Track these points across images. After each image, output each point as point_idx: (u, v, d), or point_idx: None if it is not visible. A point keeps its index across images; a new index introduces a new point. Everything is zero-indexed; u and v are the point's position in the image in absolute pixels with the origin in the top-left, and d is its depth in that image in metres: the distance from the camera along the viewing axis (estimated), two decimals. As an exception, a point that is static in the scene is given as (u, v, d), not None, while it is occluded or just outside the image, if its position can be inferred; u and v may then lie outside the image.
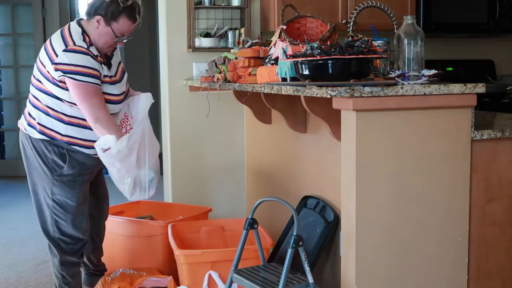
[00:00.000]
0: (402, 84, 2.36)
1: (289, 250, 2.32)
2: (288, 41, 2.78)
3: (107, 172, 2.97)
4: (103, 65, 2.80)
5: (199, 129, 4.08)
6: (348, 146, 2.34)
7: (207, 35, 4.05)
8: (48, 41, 2.82)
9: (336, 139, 2.57)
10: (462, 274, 2.48)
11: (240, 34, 3.97)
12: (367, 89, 2.21)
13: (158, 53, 4.34)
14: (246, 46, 3.39)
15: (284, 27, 2.87)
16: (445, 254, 2.44)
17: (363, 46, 2.35)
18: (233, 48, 3.76)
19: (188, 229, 3.28)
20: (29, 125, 2.84)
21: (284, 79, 2.61)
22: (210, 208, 3.66)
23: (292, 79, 2.57)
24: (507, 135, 2.50)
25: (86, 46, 2.73)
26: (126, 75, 3.02)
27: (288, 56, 2.62)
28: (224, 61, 3.35)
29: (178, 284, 3.00)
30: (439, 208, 2.42)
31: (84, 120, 2.78)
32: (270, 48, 2.97)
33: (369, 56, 2.33)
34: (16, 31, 6.85)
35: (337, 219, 2.75)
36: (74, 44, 2.72)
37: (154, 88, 8.33)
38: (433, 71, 2.49)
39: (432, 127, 2.37)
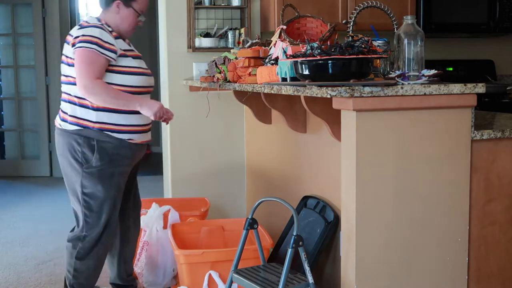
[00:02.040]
0: (402, 84, 2.36)
1: (289, 250, 2.32)
2: (288, 41, 2.78)
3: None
4: (120, 40, 2.82)
5: (199, 129, 4.08)
6: (348, 146, 2.34)
7: (207, 35, 4.05)
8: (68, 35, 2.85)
9: (336, 139, 2.57)
10: (462, 274, 2.48)
11: (240, 34, 3.97)
12: (367, 89, 2.21)
13: (158, 53, 4.35)
14: (246, 46, 3.39)
15: (284, 27, 2.87)
16: (445, 254, 2.44)
17: (363, 46, 2.35)
18: (233, 48, 3.76)
19: (188, 229, 3.29)
20: (62, 119, 2.83)
21: (284, 79, 2.61)
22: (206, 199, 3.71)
23: (292, 79, 2.57)
24: (507, 135, 2.50)
25: (100, 24, 2.77)
26: None
27: (288, 56, 2.62)
28: (224, 61, 3.36)
29: (179, 284, 3.00)
30: (439, 208, 2.42)
31: None
32: (270, 48, 2.97)
33: (369, 56, 2.33)
34: (16, 31, 6.85)
35: (337, 219, 2.75)
36: (89, 22, 2.78)
37: (154, 88, 8.34)
38: (433, 71, 2.49)
39: (432, 127, 2.37)
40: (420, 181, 2.38)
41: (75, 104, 2.78)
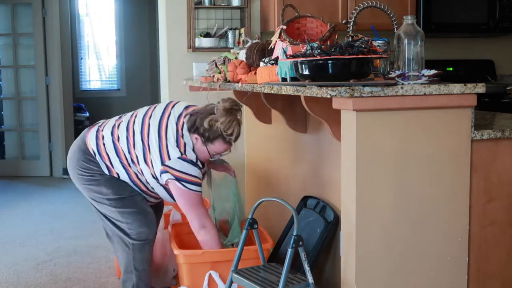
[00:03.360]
0: (402, 84, 2.36)
1: (289, 250, 2.32)
2: (288, 41, 2.78)
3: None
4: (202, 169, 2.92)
5: (199, 129, 4.07)
6: (348, 146, 2.34)
7: (207, 35, 4.05)
8: (163, 131, 2.86)
9: (336, 139, 2.57)
10: (462, 274, 2.48)
11: (240, 34, 3.97)
12: (367, 89, 2.21)
13: (158, 53, 4.35)
14: (246, 46, 3.39)
15: (284, 27, 2.87)
16: (445, 254, 2.44)
17: (363, 46, 2.34)
18: (233, 48, 3.76)
19: (188, 229, 3.28)
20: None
21: (284, 79, 2.61)
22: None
23: (292, 79, 2.57)
24: (507, 135, 2.50)
25: (195, 160, 2.83)
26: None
27: (288, 56, 2.62)
28: (224, 61, 3.36)
29: (179, 284, 3.00)
30: (439, 208, 2.42)
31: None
32: (270, 48, 2.97)
33: (369, 56, 2.33)
34: (16, 31, 6.85)
35: (337, 219, 2.75)
36: (185, 152, 2.81)
37: (154, 88, 8.34)
38: (433, 71, 2.49)
39: (432, 127, 2.37)
40: (420, 181, 2.38)
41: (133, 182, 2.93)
